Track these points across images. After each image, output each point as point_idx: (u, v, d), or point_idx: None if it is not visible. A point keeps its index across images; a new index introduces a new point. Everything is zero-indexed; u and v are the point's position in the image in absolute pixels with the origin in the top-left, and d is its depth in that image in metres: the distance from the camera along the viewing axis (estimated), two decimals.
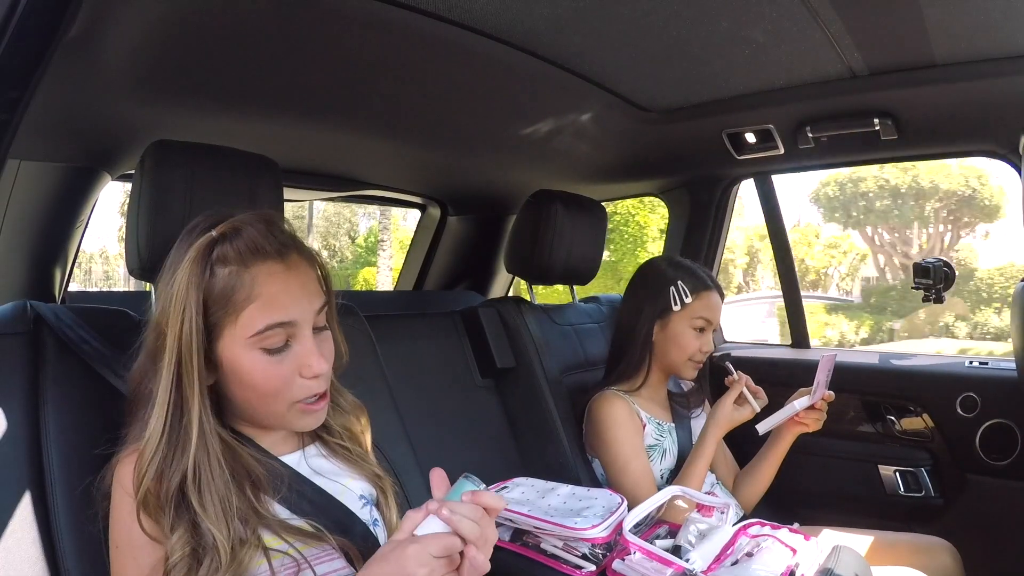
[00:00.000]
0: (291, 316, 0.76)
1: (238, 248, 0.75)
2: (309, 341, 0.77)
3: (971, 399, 1.64)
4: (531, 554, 1.22)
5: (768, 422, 1.38)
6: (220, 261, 0.74)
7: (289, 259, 0.77)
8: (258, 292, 0.74)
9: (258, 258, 0.75)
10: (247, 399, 0.78)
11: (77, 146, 1.27)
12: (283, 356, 0.76)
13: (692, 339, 1.47)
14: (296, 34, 1.09)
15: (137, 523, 0.73)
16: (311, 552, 0.79)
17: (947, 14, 1.18)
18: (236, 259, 0.74)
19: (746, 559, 1.11)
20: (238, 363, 0.75)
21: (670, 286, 1.47)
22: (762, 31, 1.24)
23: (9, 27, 0.73)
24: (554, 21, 1.18)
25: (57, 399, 0.87)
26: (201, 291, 0.73)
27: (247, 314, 0.74)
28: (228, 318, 0.74)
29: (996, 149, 1.59)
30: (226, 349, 0.75)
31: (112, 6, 0.90)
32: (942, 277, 1.67)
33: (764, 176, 2.00)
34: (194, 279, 0.73)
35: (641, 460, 1.43)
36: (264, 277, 0.75)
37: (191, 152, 1.02)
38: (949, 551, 1.42)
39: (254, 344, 0.75)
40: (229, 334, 0.75)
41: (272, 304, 0.74)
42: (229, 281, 0.74)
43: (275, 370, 0.76)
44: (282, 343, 0.76)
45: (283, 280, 0.76)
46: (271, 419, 0.81)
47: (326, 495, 0.85)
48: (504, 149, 1.83)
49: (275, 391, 0.76)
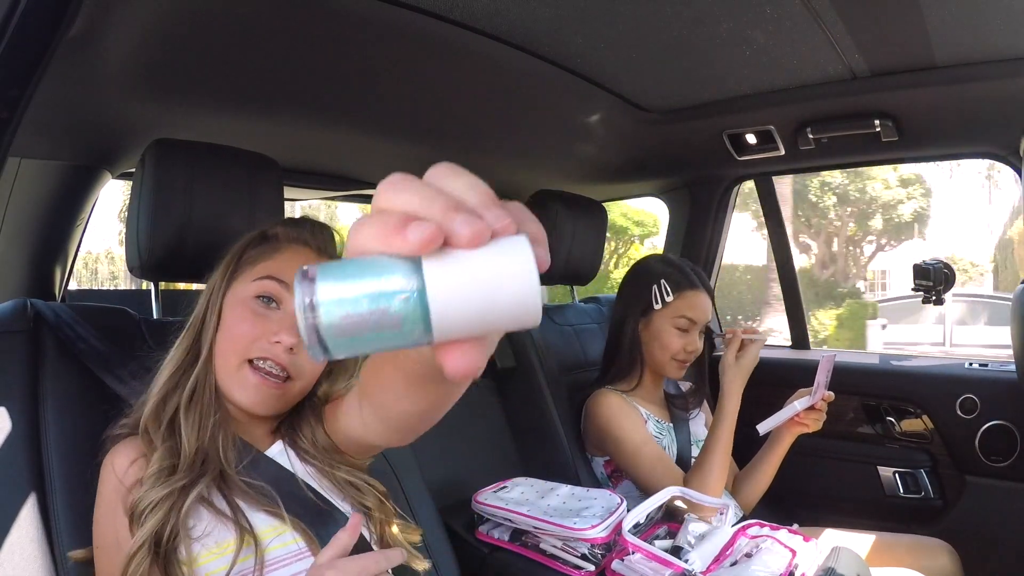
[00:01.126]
0: (291, 280, 0.79)
1: (288, 231, 0.88)
2: (294, 316, 0.78)
3: (971, 401, 1.64)
4: (530, 554, 1.22)
5: (768, 422, 1.37)
6: (270, 235, 0.87)
7: (322, 258, 0.87)
8: (279, 256, 0.85)
9: (297, 244, 0.87)
10: (220, 347, 0.82)
11: (77, 144, 1.27)
12: (267, 314, 0.82)
13: (674, 338, 1.46)
14: (297, 33, 1.09)
15: (120, 514, 0.74)
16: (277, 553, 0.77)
17: (948, 16, 1.18)
18: (283, 236, 0.87)
19: (745, 560, 1.11)
20: (232, 303, 0.83)
21: (653, 284, 1.47)
22: (763, 32, 1.24)
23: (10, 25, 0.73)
24: (555, 21, 1.18)
25: (57, 397, 0.87)
26: (240, 251, 0.86)
27: (262, 265, 0.84)
28: (248, 266, 0.85)
29: (996, 151, 1.59)
30: (232, 294, 0.83)
31: (113, 4, 0.90)
32: (942, 279, 1.67)
33: (765, 177, 2.00)
34: (243, 244, 0.86)
35: (652, 446, 1.41)
36: (291, 252, 0.86)
37: (191, 151, 1.02)
38: (948, 552, 1.42)
39: (253, 290, 0.82)
40: (242, 279, 0.84)
41: (283, 265, 0.84)
42: (266, 247, 0.86)
43: (252, 320, 0.81)
44: (271, 294, 0.82)
45: (304, 261, 0.78)
46: (224, 375, 0.82)
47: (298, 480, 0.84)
48: (505, 149, 1.83)
49: (240, 336, 0.81)
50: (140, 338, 0.97)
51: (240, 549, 0.74)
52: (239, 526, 0.75)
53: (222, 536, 0.75)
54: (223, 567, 0.74)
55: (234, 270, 0.85)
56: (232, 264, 0.85)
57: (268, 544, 0.77)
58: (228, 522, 0.76)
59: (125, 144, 1.32)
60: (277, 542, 0.78)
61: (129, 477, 0.76)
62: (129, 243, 1.03)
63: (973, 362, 1.73)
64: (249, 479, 0.80)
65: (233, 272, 0.85)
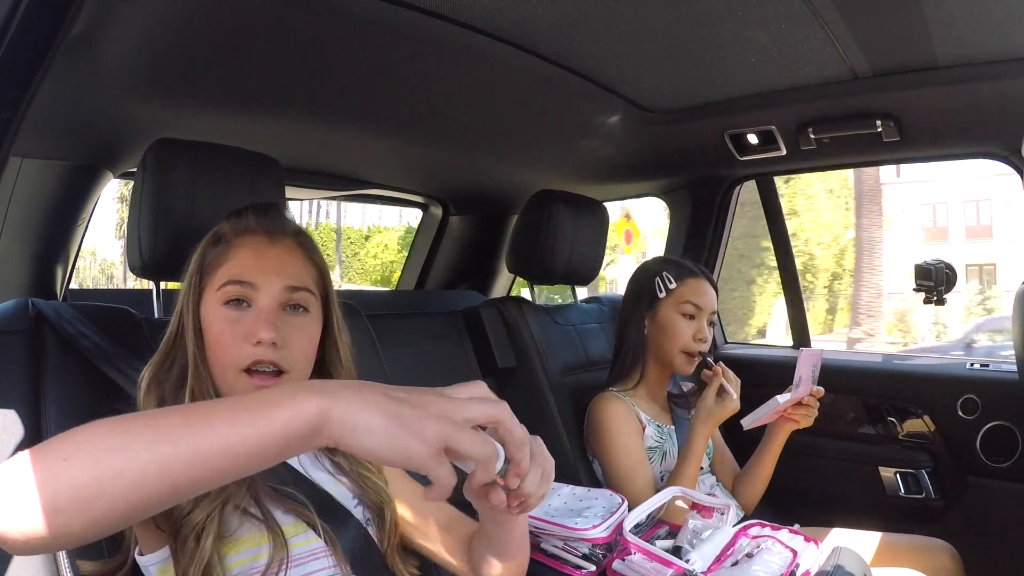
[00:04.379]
0: (251, 278, 0.81)
1: (234, 225, 0.85)
2: (265, 310, 0.80)
3: (972, 401, 1.64)
4: (531, 554, 1.22)
5: (751, 417, 1.36)
6: (219, 237, 0.85)
7: (277, 239, 0.84)
8: (233, 256, 0.83)
9: (247, 234, 0.84)
10: (214, 363, 0.82)
11: (79, 144, 1.27)
12: (240, 316, 0.81)
13: (683, 326, 1.45)
14: (299, 33, 1.09)
15: None
16: (298, 551, 0.79)
17: (950, 16, 1.18)
18: (230, 232, 0.85)
19: (746, 560, 1.11)
20: (208, 317, 0.82)
21: (656, 277, 1.49)
22: (765, 32, 1.24)
23: (12, 25, 0.73)
24: (557, 21, 1.18)
25: (58, 396, 0.87)
26: (200, 260, 0.84)
27: (221, 271, 0.82)
28: (209, 276, 0.83)
29: (998, 151, 1.59)
30: (205, 309, 0.82)
31: (115, 4, 0.90)
32: (943, 279, 1.67)
33: (766, 177, 2.00)
34: (200, 252, 0.85)
35: (643, 470, 1.41)
36: (243, 248, 0.83)
37: (193, 150, 1.02)
38: (949, 553, 1.42)
39: (219, 299, 0.81)
40: (209, 292, 0.83)
41: (239, 265, 0.82)
42: (220, 250, 0.84)
43: (229, 328, 0.80)
44: (237, 297, 0.81)
45: (258, 251, 0.83)
46: (224, 387, 0.82)
47: (314, 484, 0.85)
48: (506, 149, 1.83)
49: (224, 348, 0.80)
50: (142, 337, 0.97)
51: (272, 549, 0.76)
52: (268, 526, 0.77)
53: (249, 534, 0.77)
54: (246, 560, 0.76)
55: (199, 282, 0.83)
56: (195, 275, 0.84)
57: (292, 541, 0.78)
58: (256, 521, 0.78)
59: (126, 144, 1.32)
60: (300, 539, 0.79)
61: None
62: (131, 243, 1.03)
63: (974, 362, 1.73)
64: (272, 483, 0.81)
65: (199, 284, 0.83)
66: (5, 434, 0.83)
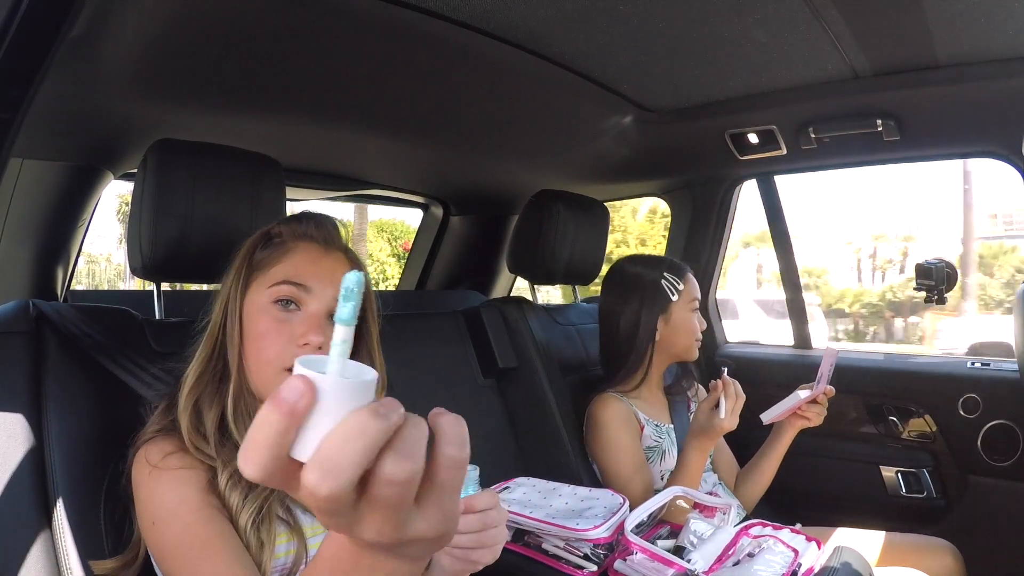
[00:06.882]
0: (306, 281, 0.82)
1: (292, 228, 0.87)
2: (315, 316, 0.82)
3: (973, 400, 1.64)
4: (532, 554, 1.22)
5: (771, 412, 1.38)
6: (274, 236, 0.87)
7: (331, 250, 0.87)
8: (289, 257, 0.85)
9: (303, 240, 0.86)
10: (251, 360, 0.82)
11: (80, 145, 1.27)
12: (289, 318, 0.82)
13: (694, 320, 1.52)
14: (299, 33, 1.09)
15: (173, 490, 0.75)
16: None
17: (950, 15, 1.17)
18: (287, 234, 0.87)
19: (748, 560, 1.11)
20: (252, 313, 0.82)
21: (660, 281, 1.50)
22: (765, 32, 1.24)
23: (12, 25, 0.73)
24: (557, 21, 1.18)
25: (59, 397, 0.87)
26: (248, 255, 0.85)
27: (274, 270, 0.84)
28: (260, 272, 0.84)
29: (998, 150, 1.59)
30: (249, 303, 0.83)
31: (115, 5, 0.90)
32: (944, 278, 1.67)
33: (767, 177, 2.00)
34: (248, 247, 0.86)
35: (642, 475, 1.42)
36: (300, 252, 0.85)
37: (194, 151, 1.02)
38: (951, 552, 1.42)
39: (269, 296, 0.82)
40: (257, 286, 0.83)
41: (296, 267, 0.84)
42: (273, 250, 0.86)
43: (276, 328, 0.81)
44: (287, 298, 0.82)
45: (315, 258, 0.85)
46: (263, 385, 0.82)
47: None
48: (507, 149, 1.83)
49: (269, 345, 0.81)
50: (143, 338, 0.97)
51: (295, 548, 0.79)
52: (289, 525, 0.80)
53: (277, 533, 0.79)
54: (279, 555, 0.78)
55: (246, 276, 0.85)
56: (243, 270, 0.85)
57: (311, 542, 0.81)
58: (282, 523, 0.80)
59: (127, 144, 1.32)
60: (319, 540, 0.81)
61: (170, 463, 0.77)
62: (131, 243, 1.03)
63: (975, 361, 1.73)
64: None
65: (246, 279, 0.84)
66: (5, 435, 0.83)
